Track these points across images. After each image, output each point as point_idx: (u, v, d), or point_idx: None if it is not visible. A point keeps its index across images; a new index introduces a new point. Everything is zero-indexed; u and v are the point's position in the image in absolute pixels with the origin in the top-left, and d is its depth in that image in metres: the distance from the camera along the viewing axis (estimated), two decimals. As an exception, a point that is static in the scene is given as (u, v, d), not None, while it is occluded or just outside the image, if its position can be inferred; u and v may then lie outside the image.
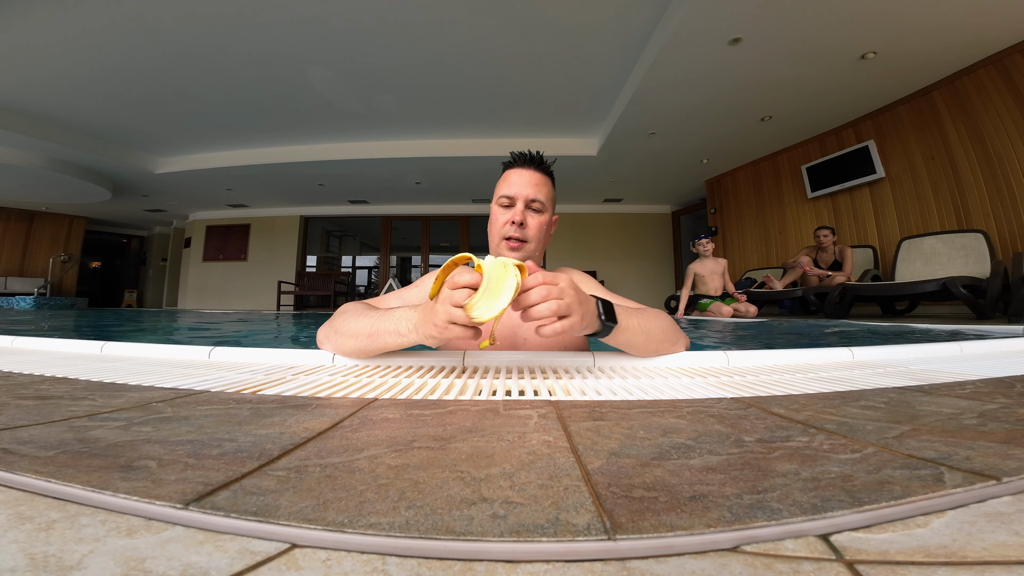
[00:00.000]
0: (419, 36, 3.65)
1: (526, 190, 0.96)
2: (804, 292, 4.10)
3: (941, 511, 0.25)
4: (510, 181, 0.98)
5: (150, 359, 0.89)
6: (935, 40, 3.32)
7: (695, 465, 0.32)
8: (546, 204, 0.99)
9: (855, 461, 0.33)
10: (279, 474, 0.30)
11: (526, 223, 0.96)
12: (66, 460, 0.32)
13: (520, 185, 0.96)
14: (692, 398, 0.55)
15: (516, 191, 0.96)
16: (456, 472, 0.31)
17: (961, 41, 3.34)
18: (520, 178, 0.97)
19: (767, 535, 0.23)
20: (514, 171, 0.99)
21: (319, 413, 0.47)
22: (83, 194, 7.02)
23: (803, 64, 3.66)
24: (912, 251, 3.84)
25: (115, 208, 8.52)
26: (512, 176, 0.99)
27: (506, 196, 0.97)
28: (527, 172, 0.98)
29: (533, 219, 0.97)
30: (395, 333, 0.70)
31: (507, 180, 0.99)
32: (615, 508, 0.25)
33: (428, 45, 3.77)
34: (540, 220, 0.97)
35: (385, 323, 0.71)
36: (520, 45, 3.75)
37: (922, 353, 0.97)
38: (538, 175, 0.99)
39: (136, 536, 0.22)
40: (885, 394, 0.57)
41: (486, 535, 0.22)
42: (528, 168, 0.99)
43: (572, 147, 5.85)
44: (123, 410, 0.48)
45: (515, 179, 0.98)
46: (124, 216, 9.52)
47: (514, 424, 0.44)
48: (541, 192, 0.97)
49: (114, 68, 4.05)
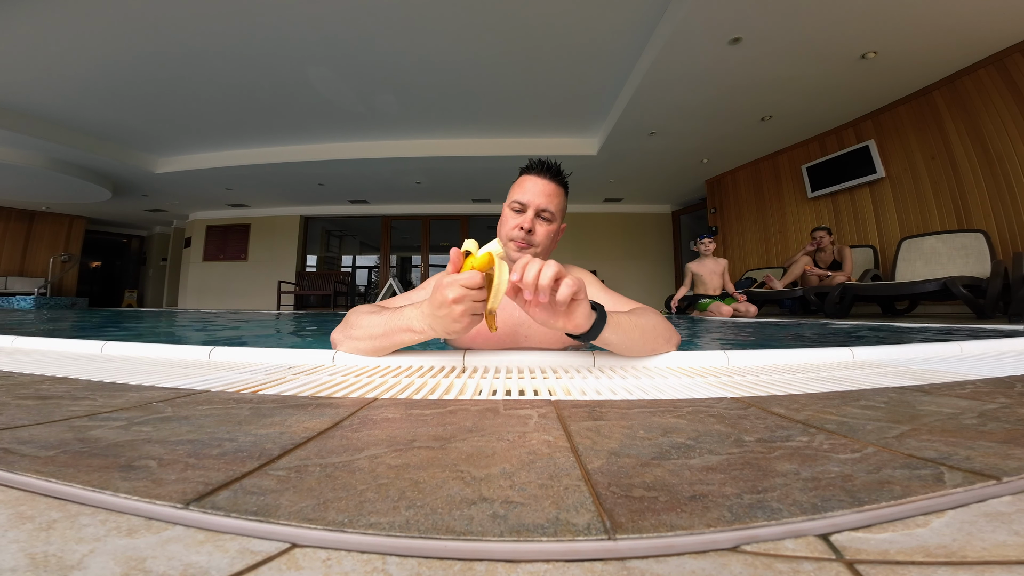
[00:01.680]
0: (420, 36, 3.65)
1: (538, 199, 0.98)
2: (804, 292, 4.10)
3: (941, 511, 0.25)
4: (525, 187, 1.00)
5: (150, 359, 0.89)
6: (935, 40, 3.32)
7: (695, 465, 0.32)
8: (556, 214, 1.01)
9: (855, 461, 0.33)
10: (279, 474, 0.30)
11: (534, 231, 0.98)
12: (66, 460, 0.32)
13: (534, 193, 0.98)
14: (692, 398, 0.55)
15: (529, 198, 0.98)
16: (456, 472, 0.31)
17: (961, 41, 3.34)
18: (535, 186, 0.99)
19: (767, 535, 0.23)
20: (530, 178, 1.01)
21: (319, 413, 0.47)
22: (83, 194, 7.02)
23: (803, 64, 3.66)
24: (912, 251, 3.84)
25: (115, 208, 8.51)
26: (527, 183, 1.00)
27: (519, 201, 0.99)
28: (542, 181, 1.00)
29: (542, 227, 0.99)
30: (408, 330, 0.74)
31: (522, 186, 1.01)
32: (615, 508, 0.25)
33: (429, 45, 3.77)
34: (548, 229, 1.00)
35: (399, 321, 0.75)
36: (521, 44, 3.75)
37: (922, 353, 0.97)
38: (552, 185, 1.01)
39: (136, 536, 0.22)
40: (885, 394, 0.57)
41: (486, 535, 0.22)
42: (544, 177, 1.01)
43: (572, 147, 5.84)
44: (123, 410, 0.48)
45: (530, 186, 0.99)
46: (124, 216, 9.52)
47: (514, 424, 0.44)
48: (553, 203, 0.99)
49: (115, 68, 4.05)
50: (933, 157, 3.96)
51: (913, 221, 4.15)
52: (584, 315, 0.67)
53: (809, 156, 5.25)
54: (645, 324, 0.82)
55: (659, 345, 0.85)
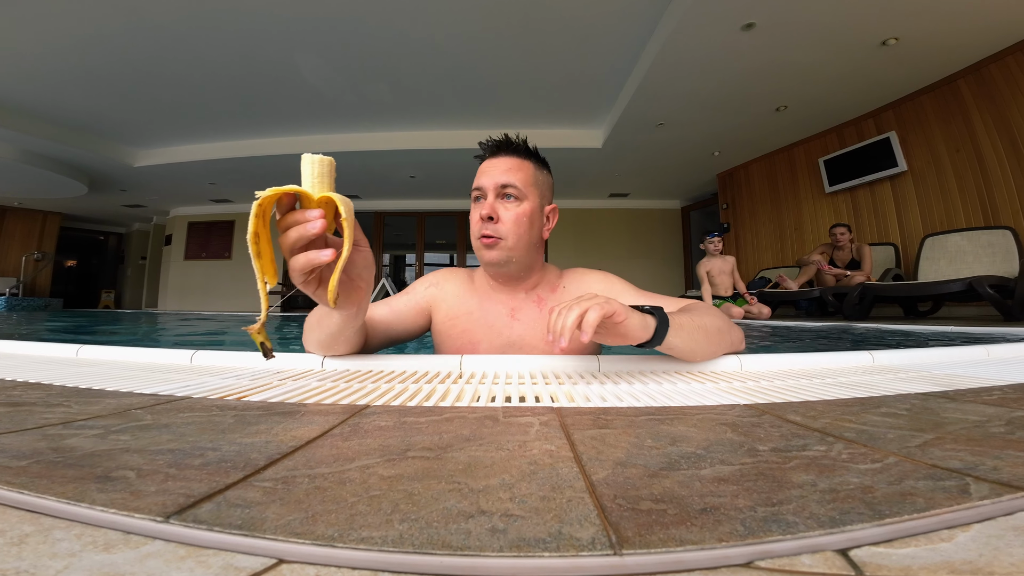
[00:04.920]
0: (415, 21, 3.65)
1: (496, 177, 0.89)
2: (821, 292, 4.10)
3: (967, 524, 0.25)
4: (480, 172, 0.93)
5: (129, 363, 0.89)
6: (961, 25, 3.32)
7: (706, 476, 0.32)
8: (524, 190, 0.90)
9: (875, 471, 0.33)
10: (265, 485, 0.30)
11: (497, 216, 0.88)
12: (39, 470, 0.32)
13: (489, 175, 0.90)
14: (703, 405, 0.55)
15: (483, 182, 0.91)
16: (453, 483, 0.31)
17: (988, 25, 3.34)
18: (489, 167, 0.92)
19: (782, 550, 0.23)
20: (485, 162, 0.94)
21: (308, 420, 0.47)
22: (58, 188, 7.02)
23: (820, 50, 3.66)
24: (936, 249, 3.84)
25: (91, 203, 8.51)
26: (482, 167, 0.94)
27: (476, 189, 0.92)
28: (497, 159, 0.92)
29: (507, 210, 0.89)
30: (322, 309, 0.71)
31: (478, 173, 0.94)
32: (621, 521, 0.25)
33: (424, 31, 3.77)
34: (517, 212, 0.89)
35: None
36: (521, 30, 3.75)
37: (946, 357, 0.97)
38: (510, 159, 0.92)
39: (113, 551, 0.22)
40: (907, 400, 0.57)
41: (484, 550, 0.22)
42: (498, 155, 0.93)
43: (575, 139, 5.85)
44: (100, 417, 0.48)
45: (485, 169, 0.93)
46: (101, 212, 9.51)
47: (514, 432, 0.44)
48: (515, 176, 0.90)
49: (90, 54, 4.04)
50: (958, 150, 3.96)
51: (937, 217, 4.15)
52: (637, 327, 0.66)
53: (827, 148, 5.25)
54: (707, 323, 0.79)
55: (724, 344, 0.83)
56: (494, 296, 1.01)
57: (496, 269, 0.94)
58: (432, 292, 1.03)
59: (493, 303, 1.00)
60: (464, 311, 1.01)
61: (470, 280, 1.05)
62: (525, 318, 0.99)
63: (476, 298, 1.02)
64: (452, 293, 1.03)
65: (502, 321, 0.99)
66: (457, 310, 1.01)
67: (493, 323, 0.99)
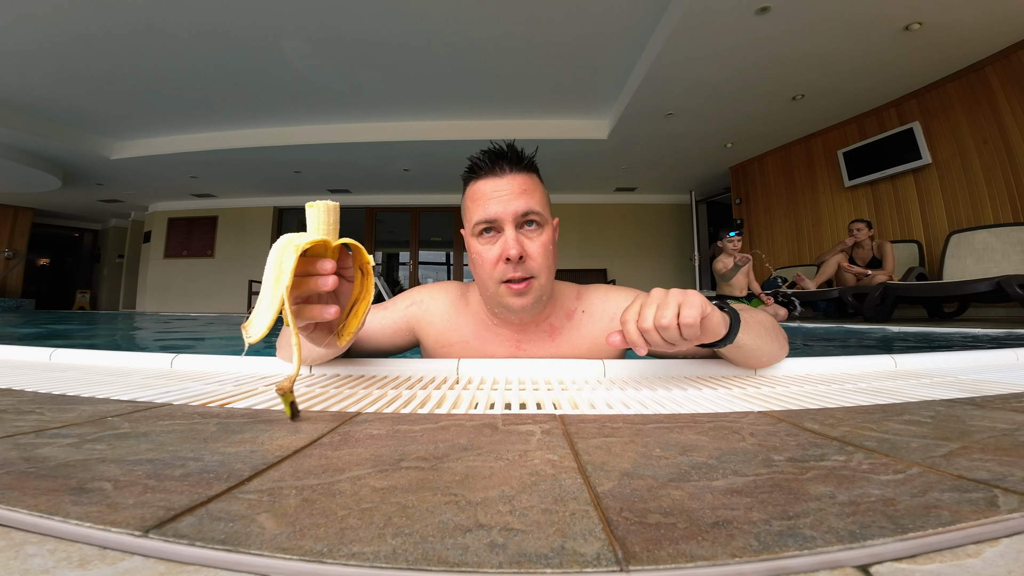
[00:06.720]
0: (409, 4, 3.65)
1: (512, 204, 0.76)
2: (840, 293, 4.10)
3: (995, 539, 0.25)
4: (485, 198, 0.78)
5: (105, 368, 0.89)
6: (988, 8, 3.32)
7: (718, 487, 0.32)
8: (543, 213, 0.79)
9: (898, 483, 0.33)
10: (250, 497, 0.30)
11: (526, 252, 0.76)
12: (10, 482, 0.32)
13: (501, 200, 0.76)
14: (715, 412, 0.56)
15: (497, 211, 0.76)
16: (449, 495, 0.31)
17: (1017, 10, 3.34)
18: (497, 190, 0.77)
19: (799, 566, 0.23)
20: (487, 181, 0.79)
21: (295, 428, 0.48)
22: (29, 182, 7.02)
23: (839, 35, 3.66)
24: (962, 246, 3.84)
25: (66, 198, 8.52)
26: (485, 189, 0.78)
27: (484, 222, 0.77)
28: (505, 178, 0.78)
29: (534, 242, 0.78)
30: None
31: (478, 198, 0.79)
32: (628, 535, 0.25)
33: (419, 15, 3.77)
34: (543, 240, 0.78)
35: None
36: (522, 14, 3.76)
37: (973, 361, 0.97)
38: (521, 176, 0.79)
39: (89, 567, 0.22)
40: (931, 407, 0.57)
41: (483, 566, 0.22)
42: (505, 172, 0.78)
43: (580, 129, 5.85)
44: (75, 425, 0.48)
45: (490, 192, 0.77)
46: (76, 207, 9.52)
47: (514, 441, 0.44)
48: (533, 199, 0.78)
49: (64, 39, 4.04)
50: (985, 141, 3.97)
51: (963, 213, 4.15)
52: (719, 321, 0.63)
53: (846, 140, 5.25)
54: (764, 320, 0.77)
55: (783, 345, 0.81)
56: (494, 329, 0.92)
57: (526, 315, 0.83)
58: (414, 312, 0.94)
59: (493, 335, 0.92)
60: (458, 339, 0.93)
61: (462, 300, 0.95)
62: (534, 351, 0.92)
63: (471, 325, 0.93)
64: (440, 315, 0.94)
65: (504, 355, 0.92)
66: (449, 336, 0.93)
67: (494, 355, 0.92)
